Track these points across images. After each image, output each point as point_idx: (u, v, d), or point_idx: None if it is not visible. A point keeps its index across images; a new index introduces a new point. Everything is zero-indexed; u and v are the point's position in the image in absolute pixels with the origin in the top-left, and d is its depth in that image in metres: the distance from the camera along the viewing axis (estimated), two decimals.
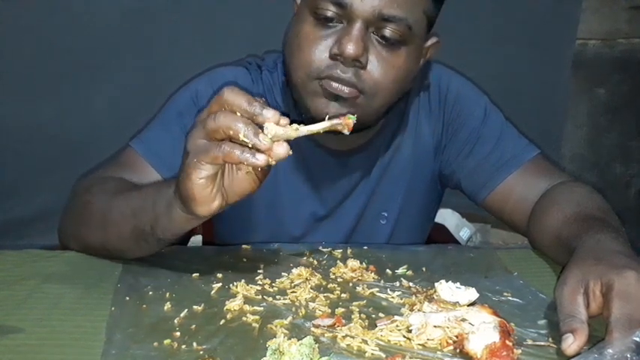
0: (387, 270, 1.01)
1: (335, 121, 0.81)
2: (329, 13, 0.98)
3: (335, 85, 1.00)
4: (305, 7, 1.02)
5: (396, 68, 1.02)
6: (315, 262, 1.03)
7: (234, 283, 0.93)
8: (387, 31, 0.99)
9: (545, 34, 1.94)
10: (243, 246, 1.08)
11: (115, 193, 0.98)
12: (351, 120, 0.81)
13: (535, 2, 1.92)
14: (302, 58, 1.01)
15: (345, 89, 1.00)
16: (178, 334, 0.79)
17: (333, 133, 0.85)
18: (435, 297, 0.88)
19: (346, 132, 0.81)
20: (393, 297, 0.91)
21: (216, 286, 0.92)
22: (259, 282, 0.94)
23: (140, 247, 0.96)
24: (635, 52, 2.29)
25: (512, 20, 1.90)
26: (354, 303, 0.89)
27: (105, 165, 1.11)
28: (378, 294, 0.93)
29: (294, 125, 0.78)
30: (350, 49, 0.97)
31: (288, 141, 0.79)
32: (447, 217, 1.87)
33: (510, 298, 0.92)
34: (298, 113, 1.07)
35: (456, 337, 0.78)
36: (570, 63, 2.04)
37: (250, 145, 0.76)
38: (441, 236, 1.73)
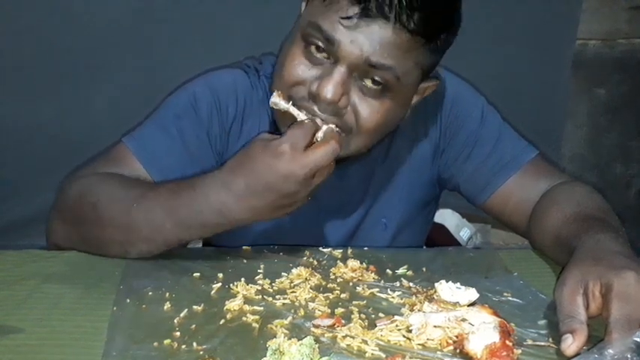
0: (387, 270, 1.01)
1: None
2: (318, 46, 0.95)
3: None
4: (298, 28, 0.99)
5: (379, 113, 0.98)
6: (315, 262, 1.03)
7: (234, 283, 0.93)
8: (373, 78, 0.95)
9: (545, 34, 1.94)
10: (244, 247, 1.08)
11: (131, 197, 0.98)
12: None
13: (535, 2, 1.92)
14: (282, 80, 0.99)
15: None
16: (178, 334, 0.79)
17: None
18: (435, 297, 0.88)
19: None
20: (393, 297, 0.91)
21: (216, 286, 0.92)
22: (259, 282, 0.94)
23: (165, 248, 0.99)
24: (635, 52, 2.29)
25: (512, 20, 1.90)
26: (354, 303, 0.89)
27: (94, 161, 1.09)
28: (378, 294, 0.93)
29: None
30: (327, 91, 0.94)
31: None
32: (447, 217, 1.87)
33: (510, 299, 0.92)
34: None
35: (456, 337, 0.78)
36: (570, 63, 2.04)
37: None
38: (441, 236, 1.73)
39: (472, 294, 0.87)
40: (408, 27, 0.92)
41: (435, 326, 0.80)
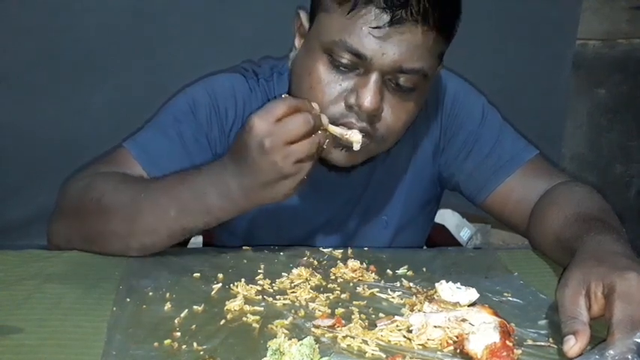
0: (388, 270, 1.01)
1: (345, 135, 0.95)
2: (345, 61, 0.96)
3: None
4: (318, 44, 0.98)
5: (408, 113, 1.01)
6: (316, 263, 1.03)
7: (235, 284, 0.93)
8: (402, 81, 0.97)
9: (545, 34, 1.94)
10: (244, 247, 1.08)
11: (137, 188, 0.99)
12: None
13: (535, 2, 1.92)
14: (316, 101, 0.98)
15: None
16: (179, 334, 0.79)
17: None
18: (436, 297, 0.88)
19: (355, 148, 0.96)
20: (393, 297, 0.91)
21: (217, 286, 0.92)
22: (259, 282, 0.94)
23: (168, 241, 0.99)
24: (635, 52, 2.29)
25: (512, 20, 1.90)
26: (354, 303, 0.89)
27: (95, 164, 1.09)
28: (378, 294, 0.92)
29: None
30: (368, 102, 0.95)
31: None
32: (447, 217, 1.87)
33: (510, 299, 0.92)
34: None
35: (457, 337, 0.78)
36: (570, 63, 2.04)
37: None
38: (442, 236, 1.73)
39: (472, 294, 0.87)
40: (432, 26, 0.94)
41: (435, 326, 0.80)
